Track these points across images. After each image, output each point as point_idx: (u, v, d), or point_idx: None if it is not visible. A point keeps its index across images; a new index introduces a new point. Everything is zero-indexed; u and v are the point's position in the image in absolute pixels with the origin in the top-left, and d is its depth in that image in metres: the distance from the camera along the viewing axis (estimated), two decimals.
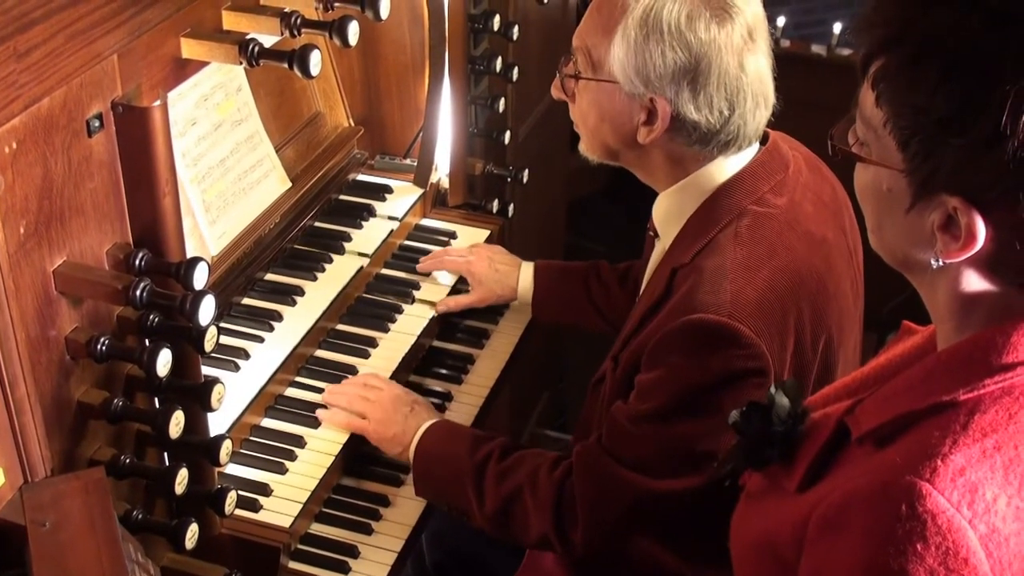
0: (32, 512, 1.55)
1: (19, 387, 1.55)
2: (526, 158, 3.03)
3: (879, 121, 1.34)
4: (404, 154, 2.91)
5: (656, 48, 1.98)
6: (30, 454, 1.60)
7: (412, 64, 2.81)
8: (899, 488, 1.28)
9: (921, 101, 1.28)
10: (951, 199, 1.29)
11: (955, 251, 1.31)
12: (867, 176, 1.40)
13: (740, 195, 2.05)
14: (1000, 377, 1.33)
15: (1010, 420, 1.31)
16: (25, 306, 1.59)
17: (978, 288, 1.35)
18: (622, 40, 2.01)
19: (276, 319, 2.40)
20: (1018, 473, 1.29)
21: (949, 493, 1.26)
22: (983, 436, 1.30)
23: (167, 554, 1.94)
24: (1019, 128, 1.21)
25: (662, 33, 1.97)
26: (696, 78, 1.98)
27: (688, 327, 1.94)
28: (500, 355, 2.62)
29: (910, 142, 1.30)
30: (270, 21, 1.85)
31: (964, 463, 1.28)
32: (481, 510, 2.18)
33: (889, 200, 1.36)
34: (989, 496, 1.27)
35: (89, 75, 1.61)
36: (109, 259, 1.73)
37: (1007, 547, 1.27)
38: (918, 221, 1.34)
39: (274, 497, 2.13)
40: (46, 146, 1.57)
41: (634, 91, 2.03)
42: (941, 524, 1.25)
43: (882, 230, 1.42)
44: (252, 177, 2.45)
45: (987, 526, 1.26)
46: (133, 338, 1.79)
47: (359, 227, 2.68)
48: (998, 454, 1.29)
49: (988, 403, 1.32)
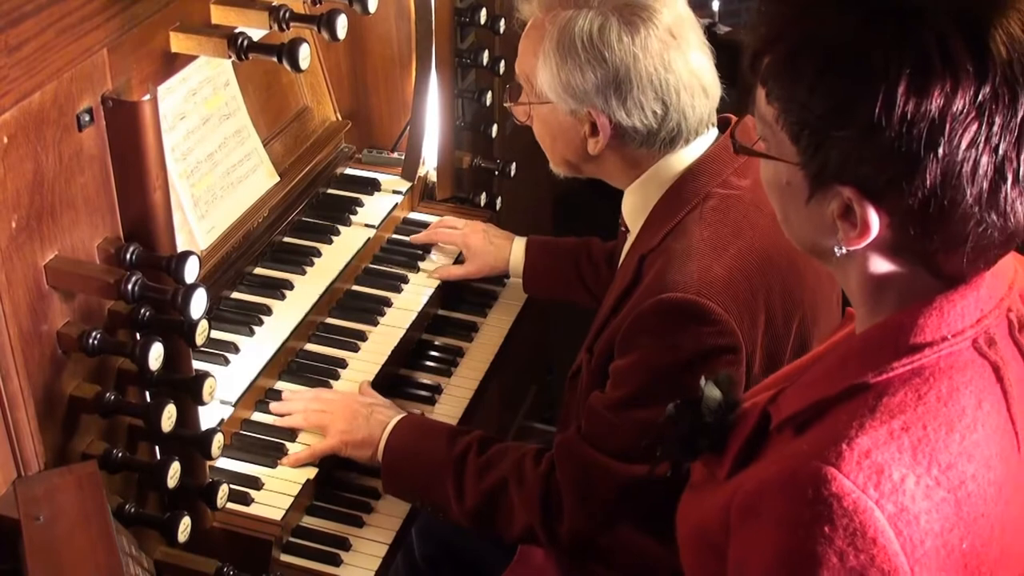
0: (26, 506, 1.55)
1: (12, 381, 1.56)
2: (513, 151, 3.04)
3: (772, 117, 1.37)
4: (392, 148, 2.92)
5: (574, 65, 2.03)
6: (23, 448, 1.60)
7: (399, 58, 2.82)
8: (806, 474, 1.30)
9: (803, 97, 1.31)
10: (844, 189, 1.32)
11: (854, 239, 1.34)
12: (769, 170, 1.44)
13: (704, 179, 2.08)
14: (908, 359, 1.35)
15: (919, 401, 1.33)
16: (17, 301, 1.59)
17: (886, 271, 1.38)
18: (544, 64, 2.07)
19: (265, 313, 2.40)
20: (927, 452, 1.31)
21: (855, 476, 1.28)
22: (891, 418, 1.32)
23: (159, 547, 1.94)
24: (893, 119, 1.24)
25: (577, 50, 2.03)
26: (620, 86, 2.02)
27: (657, 306, 1.96)
28: (490, 348, 2.63)
29: (800, 136, 1.33)
30: (259, 15, 1.86)
31: (870, 445, 1.30)
32: (460, 504, 2.16)
33: (790, 192, 1.40)
34: (896, 476, 1.29)
35: (79, 69, 1.61)
36: (100, 253, 1.73)
37: (917, 525, 1.28)
38: (818, 211, 1.37)
39: (265, 490, 2.14)
40: (37, 141, 1.57)
41: (569, 108, 2.08)
42: (847, 506, 1.27)
43: (789, 222, 1.45)
44: (240, 171, 2.45)
45: (895, 505, 1.28)
46: (124, 332, 1.80)
47: (347, 221, 2.68)
48: (906, 435, 1.31)
49: (897, 384, 1.35)
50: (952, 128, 1.23)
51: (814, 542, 1.28)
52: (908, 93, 1.23)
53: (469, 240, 2.69)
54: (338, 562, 2.12)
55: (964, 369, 1.36)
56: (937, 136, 1.24)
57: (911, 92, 1.23)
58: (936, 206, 1.27)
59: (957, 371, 1.36)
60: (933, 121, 1.23)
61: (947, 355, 1.36)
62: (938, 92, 1.23)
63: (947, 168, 1.25)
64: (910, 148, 1.25)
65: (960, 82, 1.23)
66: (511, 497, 2.12)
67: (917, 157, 1.25)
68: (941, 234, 1.30)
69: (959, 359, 1.36)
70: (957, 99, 1.23)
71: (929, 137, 1.24)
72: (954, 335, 1.35)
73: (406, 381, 2.51)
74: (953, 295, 1.36)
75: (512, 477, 2.12)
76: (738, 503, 1.40)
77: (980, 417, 1.35)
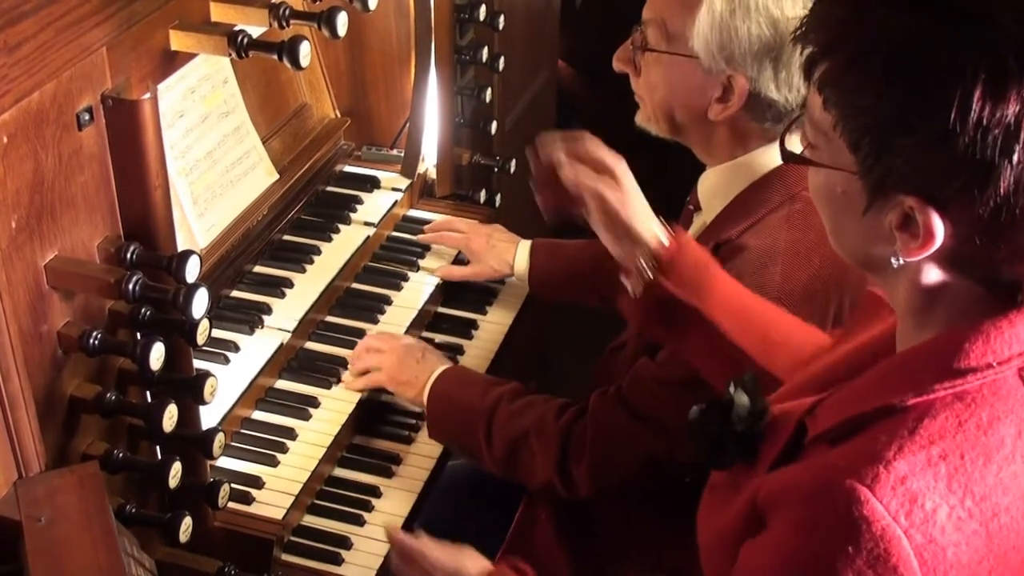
0: (27, 507, 1.54)
1: (12, 382, 1.55)
2: (512, 148, 3.03)
3: (828, 124, 1.33)
4: (391, 145, 2.91)
5: (743, 24, 1.96)
6: (24, 449, 1.59)
7: (398, 55, 2.81)
8: (839, 490, 1.28)
9: (866, 103, 1.27)
10: (907, 198, 1.28)
11: (915, 249, 1.30)
12: (820, 180, 1.39)
13: (794, 180, 2.04)
14: (951, 383, 1.32)
15: (959, 428, 1.30)
16: (17, 301, 1.58)
17: (939, 284, 1.35)
18: (707, 15, 1.99)
19: (265, 311, 2.39)
20: (963, 482, 1.29)
21: (888, 501, 1.26)
22: (930, 443, 1.29)
23: (160, 547, 1.93)
24: (968, 125, 1.20)
25: (748, 9, 1.96)
26: (780, 56, 1.96)
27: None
28: (490, 345, 2.62)
29: (860, 144, 1.29)
30: (258, 12, 1.85)
31: (907, 471, 1.28)
32: (490, 453, 2.23)
33: (844, 202, 1.36)
34: (929, 507, 1.27)
35: (79, 68, 1.60)
36: (100, 252, 1.72)
37: (944, 557, 1.27)
38: (875, 222, 1.33)
39: (266, 489, 2.13)
40: (36, 140, 1.56)
41: (713, 67, 2.01)
42: (876, 531, 1.25)
43: (841, 233, 1.41)
44: (239, 169, 2.44)
45: (924, 536, 1.26)
46: (125, 332, 1.79)
47: (347, 219, 2.68)
48: (943, 463, 1.29)
49: (938, 408, 1.32)
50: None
51: (835, 556, 1.27)
52: (984, 97, 1.19)
53: (471, 244, 2.68)
54: (339, 561, 2.11)
55: (1007, 398, 1.33)
56: (1012, 142, 1.20)
57: (987, 96, 1.20)
58: (1008, 214, 1.24)
59: (1000, 399, 1.32)
60: (1008, 127, 1.20)
61: (991, 382, 1.33)
62: (1014, 97, 1.20)
63: (1021, 174, 1.22)
64: (984, 154, 1.21)
65: None
66: (532, 448, 2.17)
67: (992, 164, 1.21)
68: (1009, 243, 1.27)
69: (1003, 387, 1.33)
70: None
71: (1005, 143, 1.20)
72: (1000, 363, 1.32)
73: None
74: (1001, 321, 1.32)
75: (534, 429, 2.17)
76: (762, 499, 1.39)
77: (1020, 448, 1.32)
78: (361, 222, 2.69)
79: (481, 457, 2.27)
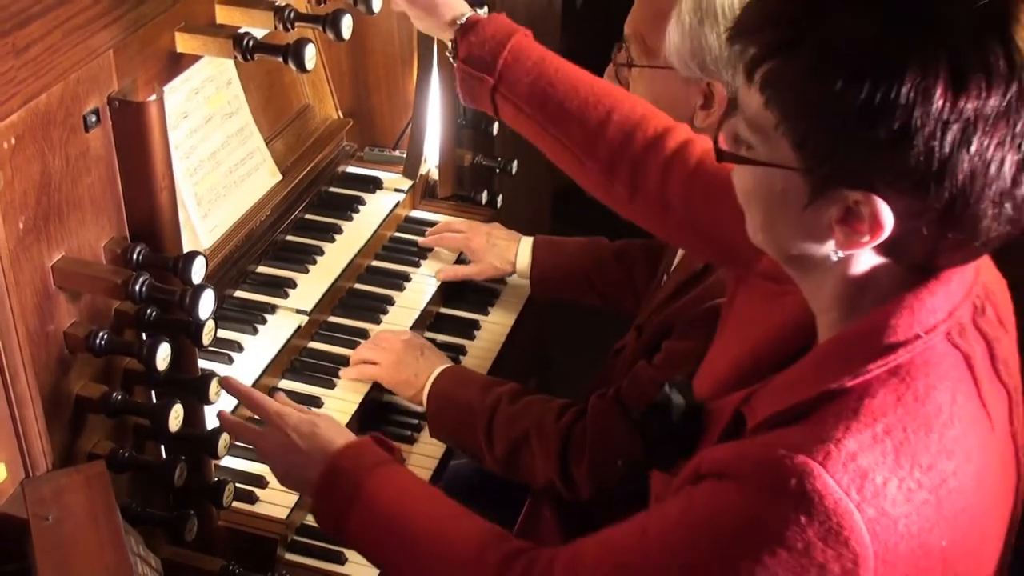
0: (34, 506, 1.55)
1: (20, 381, 1.56)
2: (513, 148, 3.04)
3: (769, 123, 1.33)
4: (393, 146, 2.92)
5: (711, 32, 1.98)
6: (31, 448, 1.60)
7: (401, 56, 2.82)
8: (791, 463, 1.30)
9: (822, 102, 1.27)
10: (852, 193, 1.30)
11: (860, 241, 1.33)
12: (755, 177, 1.40)
13: None
14: (883, 360, 1.36)
15: (898, 403, 1.34)
16: (25, 301, 1.59)
17: (870, 275, 1.38)
18: (676, 25, 2.02)
19: (269, 311, 2.40)
20: (908, 454, 1.32)
21: (840, 477, 1.29)
22: (874, 421, 1.33)
23: (164, 546, 1.94)
24: (929, 121, 1.23)
25: (716, 16, 1.98)
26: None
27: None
28: (492, 346, 2.63)
29: (807, 142, 1.31)
30: (263, 15, 1.86)
31: (856, 448, 1.31)
32: (491, 453, 2.26)
33: (783, 199, 1.37)
34: (879, 480, 1.30)
35: (86, 70, 1.62)
36: (106, 253, 1.73)
37: (895, 529, 1.30)
38: (815, 217, 1.34)
39: (270, 489, 2.14)
40: (44, 142, 1.57)
41: (690, 76, 2.04)
42: (828, 504, 1.28)
43: (773, 229, 1.42)
44: (243, 170, 2.45)
45: (876, 509, 1.29)
46: (131, 332, 1.80)
47: (349, 219, 2.69)
48: (888, 438, 1.32)
49: (876, 387, 1.35)
50: (985, 127, 1.24)
51: (785, 524, 1.29)
52: (946, 94, 1.22)
53: (472, 243, 2.69)
54: (343, 560, 2.12)
55: (939, 363, 1.37)
56: (971, 136, 1.24)
57: (948, 92, 1.22)
58: (961, 204, 1.27)
59: (932, 366, 1.37)
60: (968, 121, 1.23)
61: (921, 352, 1.37)
62: (974, 92, 1.23)
63: (976, 167, 1.25)
64: (942, 149, 1.24)
65: (993, 81, 1.23)
66: (532, 448, 2.19)
67: (949, 158, 1.24)
68: (958, 231, 1.30)
69: (934, 353, 1.37)
70: (992, 98, 1.23)
71: (963, 137, 1.24)
72: (927, 331, 1.36)
73: None
74: (922, 292, 1.37)
75: (534, 429, 2.19)
76: (705, 467, 1.40)
77: (956, 411, 1.36)
78: (363, 223, 2.69)
79: (482, 457, 2.29)
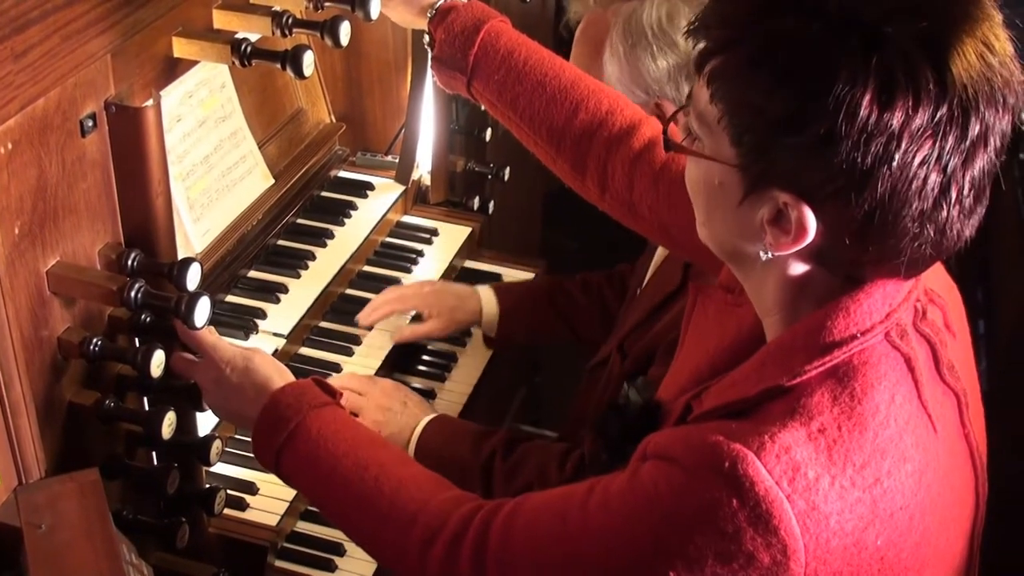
0: (28, 514, 1.54)
1: (15, 388, 1.55)
2: (505, 154, 3.04)
3: (713, 117, 1.37)
4: (386, 151, 2.92)
5: (645, 54, 2.02)
6: (25, 455, 1.59)
7: (394, 61, 2.81)
8: (726, 448, 1.32)
9: (757, 101, 1.30)
10: (782, 194, 1.33)
11: (786, 244, 1.35)
12: (699, 170, 1.44)
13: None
14: (820, 361, 1.38)
15: (834, 402, 1.36)
16: (19, 306, 1.58)
17: (805, 280, 1.41)
18: (612, 57, 2.06)
19: (260, 316, 2.40)
20: (842, 453, 1.34)
21: (772, 467, 1.31)
22: (809, 419, 1.35)
23: (154, 553, 1.93)
24: (853, 130, 1.25)
25: (647, 38, 2.01)
26: (691, 73, 1.99)
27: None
28: (483, 354, 2.63)
29: (743, 139, 1.33)
30: (261, 20, 1.85)
31: (791, 442, 1.33)
32: None
33: (720, 194, 1.40)
34: (811, 475, 1.32)
35: (83, 75, 1.61)
36: (101, 259, 1.73)
37: (826, 524, 1.32)
38: (748, 215, 1.37)
39: (260, 495, 2.14)
40: (40, 147, 1.57)
41: (638, 100, 2.05)
42: (759, 491, 1.30)
43: (712, 223, 1.46)
44: (235, 174, 2.44)
45: (806, 503, 1.31)
46: (124, 338, 1.79)
47: (341, 224, 2.68)
48: (822, 436, 1.34)
49: (814, 386, 1.38)
50: (909, 144, 1.26)
51: (717, 505, 1.31)
52: (872, 105, 1.24)
53: (428, 300, 2.55)
54: (332, 567, 2.11)
55: (878, 364, 1.39)
56: (893, 151, 1.26)
57: (874, 105, 1.24)
58: (880, 219, 1.29)
59: (871, 367, 1.39)
60: (892, 135, 1.25)
61: (860, 351, 1.39)
62: (900, 107, 1.24)
63: (897, 183, 1.27)
64: (864, 160, 1.26)
65: (921, 100, 1.25)
66: None
67: (870, 169, 1.26)
68: (877, 246, 1.32)
69: (873, 354, 1.39)
70: (917, 116, 1.25)
71: (885, 151, 1.26)
72: (863, 332, 1.38)
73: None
74: (859, 294, 1.39)
75: (537, 482, 2.12)
76: (651, 449, 1.42)
77: (893, 411, 1.38)
78: (355, 228, 2.69)
79: None
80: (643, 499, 1.39)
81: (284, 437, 1.71)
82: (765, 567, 1.31)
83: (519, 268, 2.85)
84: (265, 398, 1.75)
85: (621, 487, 1.43)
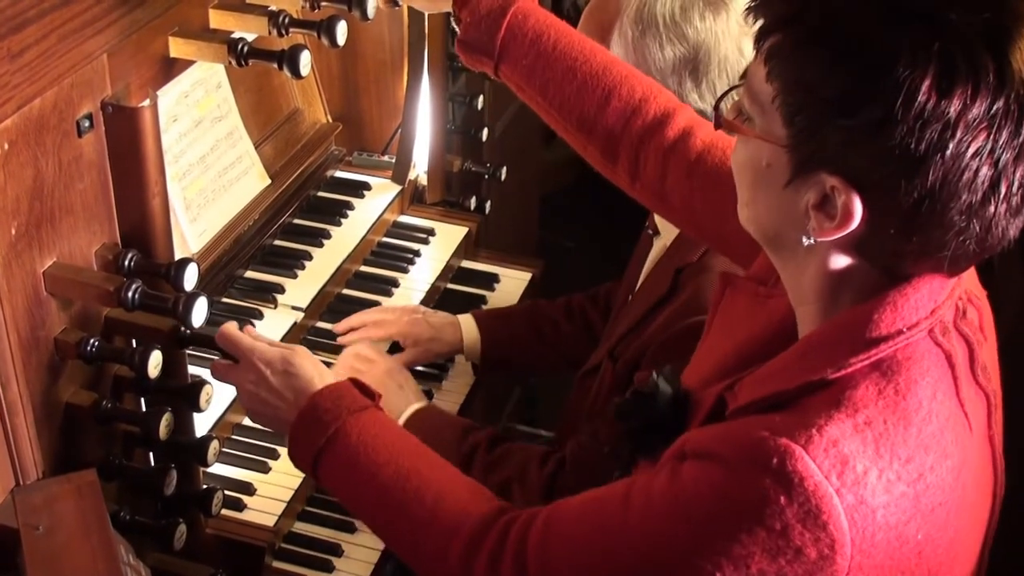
0: (25, 516, 1.54)
1: (12, 389, 1.54)
2: (502, 154, 3.04)
3: (767, 96, 1.35)
4: (382, 151, 2.91)
5: (653, 43, 2.00)
6: (22, 456, 1.59)
7: (391, 61, 2.81)
8: (772, 444, 1.31)
9: (813, 80, 1.29)
10: (830, 178, 1.31)
11: (830, 230, 1.33)
12: (748, 150, 1.42)
13: None
14: (866, 354, 1.36)
15: (879, 396, 1.35)
16: (16, 307, 1.57)
17: (845, 270, 1.39)
18: (619, 40, 2.03)
19: (256, 317, 2.39)
20: (888, 447, 1.33)
21: (820, 461, 1.30)
22: (855, 412, 1.34)
23: (151, 553, 1.93)
24: (909, 116, 1.23)
25: (658, 26, 1.99)
26: (696, 67, 2.00)
27: (696, 329, 1.94)
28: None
29: (796, 119, 1.32)
30: (258, 20, 1.85)
31: (838, 435, 1.32)
32: None
33: (767, 175, 1.38)
34: (860, 469, 1.31)
35: (80, 75, 1.60)
36: (97, 260, 1.72)
37: (873, 518, 1.31)
38: (793, 198, 1.36)
39: (258, 496, 2.13)
40: (37, 147, 1.56)
41: None
42: (808, 487, 1.29)
43: (755, 204, 1.44)
44: (232, 174, 2.44)
45: (855, 497, 1.30)
46: (120, 338, 1.78)
47: (338, 224, 2.68)
48: (868, 429, 1.33)
49: (859, 379, 1.36)
50: (964, 134, 1.24)
51: (764, 503, 1.30)
52: (931, 91, 1.23)
53: (405, 329, 2.49)
54: (330, 568, 2.11)
55: (921, 360, 1.38)
56: (948, 139, 1.24)
57: (933, 91, 1.23)
58: (928, 208, 1.27)
59: (915, 362, 1.38)
60: (947, 123, 1.23)
61: (904, 347, 1.38)
62: (959, 96, 1.23)
63: (949, 172, 1.25)
64: (918, 147, 1.24)
65: (979, 90, 1.23)
66: (514, 498, 2.13)
67: (923, 157, 1.25)
68: (922, 237, 1.31)
69: (916, 350, 1.38)
70: (975, 106, 1.23)
71: (940, 139, 1.24)
72: (909, 328, 1.37)
73: None
74: (907, 288, 1.37)
75: (516, 478, 2.13)
76: (690, 447, 1.41)
77: (935, 408, 1.37)
78: (352, 228, 2.68)
79: None
80: (686, 499, 1.38)
81: (323, 443, 1.69)
82: (811, 561, 1.30)
83: (516, 268, 2.85)
84: (303, 401, 1.74)
85: (663, 488, 1.41)
